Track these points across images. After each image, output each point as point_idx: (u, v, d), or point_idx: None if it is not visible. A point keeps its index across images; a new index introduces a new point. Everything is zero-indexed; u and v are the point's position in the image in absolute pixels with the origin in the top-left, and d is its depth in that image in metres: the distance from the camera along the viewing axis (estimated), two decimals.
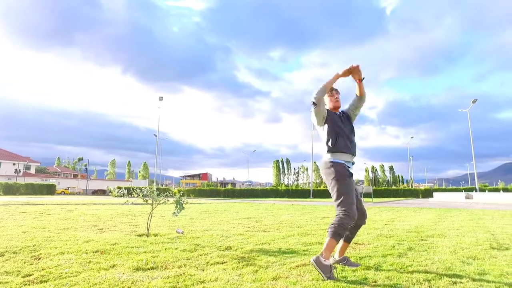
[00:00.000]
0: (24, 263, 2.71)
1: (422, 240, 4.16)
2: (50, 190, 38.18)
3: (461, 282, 2.18)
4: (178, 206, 4.31)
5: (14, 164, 53.02)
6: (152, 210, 4.60)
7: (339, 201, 2.48)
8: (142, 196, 4.44)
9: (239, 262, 2.80)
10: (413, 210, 11.16)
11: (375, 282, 2.17)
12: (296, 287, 2.03)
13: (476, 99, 31.34)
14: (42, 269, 2.48)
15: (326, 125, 2.73)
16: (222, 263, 2.78)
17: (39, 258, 2.89)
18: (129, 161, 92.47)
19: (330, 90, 2.89)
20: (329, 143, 2.66)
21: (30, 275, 2.33)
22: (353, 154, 2.73)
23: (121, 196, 4.51)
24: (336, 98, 2.89)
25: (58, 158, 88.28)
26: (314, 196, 37.56)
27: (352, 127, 2.87)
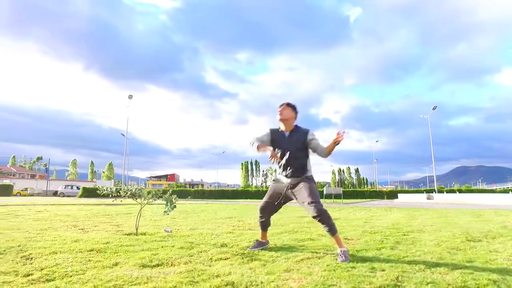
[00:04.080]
0: (17, 263, 2.55)
1: (404, 235, 4.42)
2: (6, 191, 35.50)
3: (458, 268, 2.38)
4: (169, 204, 4.24)
5: None
6: (141, 209, 4.49)
7: None
8: (131, 195, 4.31)
9: (242, 258, 2.83)
10: (384, 209, 11.73)
11: (383, 270, 2.30)
12: (312, 277, 2.11)
13: (436, 106, 33.52)
14: (41, 269, 2.36)
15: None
16: (225, 259, 2.80)
17: (31, 258, 2.74)
18: (92, 161, 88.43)
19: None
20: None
21: (30, 274, 2.21)
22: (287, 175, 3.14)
23: (109, 194, 4.34)
24: (279, 111, 3.13)
25: (13, 157, 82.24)
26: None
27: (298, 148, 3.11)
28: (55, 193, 39.00)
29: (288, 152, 3.07)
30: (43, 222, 5.70)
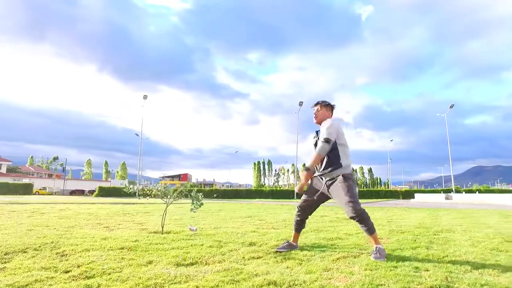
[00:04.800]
0: (53, 259, 2.57)
1: (435, 235, 4.28)
2: (27, 189, 36.45)
3: (508, 270, 2.26)
4: (196, 202, 4.22)
5: None
6: (167, 207, 4.49)
7: None
8: (160, 194, 4.31)
9: (275, 257, 2.78)
10: (403, 209, 11.48)
11: (427, 270, 2.21)
12: (356, 276, 2.04)
13: (453, 104, 32.70)
14: (78, 266, 2.36)
15: None
16: (258, 258, 2.75)
17: (65, 255, 2.75)
18: (106, 161, 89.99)
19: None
20: None
21: (69, 271, 2.21)
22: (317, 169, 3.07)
23: (135, 193, 4.36)
24: (314, 115, 3.13)
25: (31, 157, 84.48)
26: (298, 197, 37.91)
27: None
28: (71, 192, 39.85)
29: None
30: (68, 220, 5.78)
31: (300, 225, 3.24)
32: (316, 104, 3.15)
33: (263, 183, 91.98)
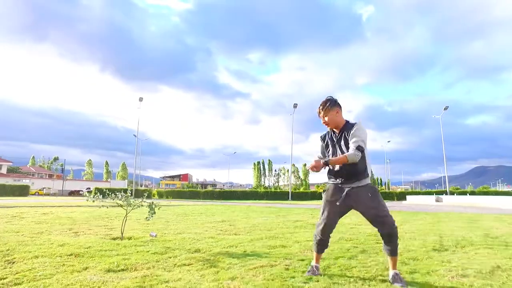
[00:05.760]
0: None
1: (377, 243, 4.55)
2: (23, 191, 36.89)
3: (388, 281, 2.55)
4: (151, 210, 4.52)
5: None
6: (127, 214, 4.78)
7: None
8: (117, 200, 4.61)
9: (204, 264, 3.07)
10: None
11: (318, 281, 2.50)
12: (248, 286, 2.33)
13: (448, 106, 32.91)
14: (16, 273, 2.66)
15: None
16: (188, 265, 3.04)
17: (13, 262, 3.05)
18: (106, 161, 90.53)
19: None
20: None
21: (5, 278, 2.51)
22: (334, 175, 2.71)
23: (95, 201, 4.65)
24: (322, 117, 2.73)
25: (33, 157, 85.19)
26: (293, 199, 38.18)
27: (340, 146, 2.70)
28: (70, 193, 40.28)
29: (342, 154, 2.61)
30: (42, 225, 6.09)
31: (323, 246, 2.81)
32: (328, 105, 2.68)
33: (263, 183, 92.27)
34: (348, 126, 2.67)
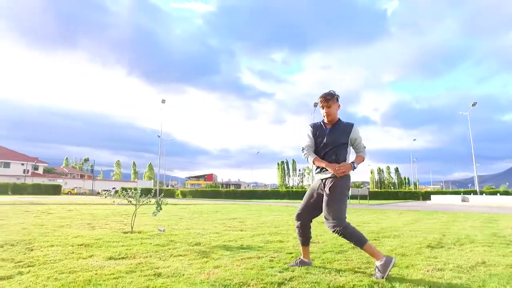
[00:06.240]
0: (19, 253, 3.26)
1: (375, 240, 4.62)
2: (56, 190, 39.26)
3: (367, 275, 2.68)
4: (158, 207, 4.85)
5: (22, 164, 54.31)
6: (136, 210, 5.14)
7: None
8: (127, 197, 4.98)
9: (197, 255, 3.32)
10: (399, 212, 11.56)
11: (293, 271, 2.67)
12: (227, 273, 2.55)
13: (476, 102, 31.43)
14: (32, 257, 3.03)
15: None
16: (183, 256, 3.30)
17: (32, 250, 3.45)
18: (134, 162, 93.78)
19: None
20: None
21: (22, 261, 2.88)
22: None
23: (106, 197, 5.05)
24: (326, 113, 2.82)
25: (66, 158, 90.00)
26: None
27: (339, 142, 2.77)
28: (98, 193, 42.24)
29: (327, 147, 2.75)
30: (65, 220, 6.62)
31: (304, 235, 2.90)
32: (329, 99, 2.79)
33: (287, 183, 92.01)
34: (341, 124, 2.80)
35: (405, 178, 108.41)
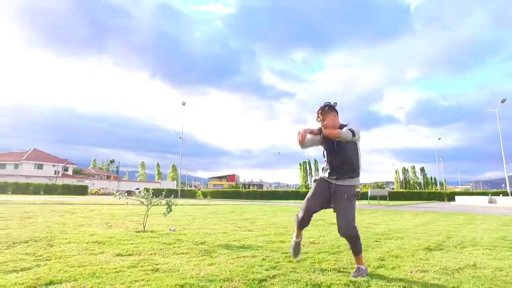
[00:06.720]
0: (40, 248, 3.64)
1: (376, 241, 4.70)
2: (83, 190, 41.23)
3: (347, 274, 2.82)
4: (168, 207, 5.15)
5: (54, 166, 57.38)
6: (148, 210, 5.48)
7: None
8: (139, 198, 5.33)
9: (199, 253, 3.57)
10: (415, 214, 11.37)
11: (280, 269, 2.85)
12: (216, 270, 2.78)
13: (505, 99, 30.09)
14: (50, 253, 3.39)
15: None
16: (185, 254, 3.56)
17: (52, 246, 3.82)
18: (157, 163, 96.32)
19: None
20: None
21: (41, 255, 3.24)
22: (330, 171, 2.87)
23: (120, 198, 5.42)
24: (323, 124, 2.90)
25: (94, 160, 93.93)
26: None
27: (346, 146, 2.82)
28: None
29: (335, 152, 2.83)
30: (86, 219, 7.10)
31: (301, 225, 3.00)
32: (327, 109, 2.90)
33: (309, 183, 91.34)
34: (342, 126, 2.86)
35: (431, 178, 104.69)
